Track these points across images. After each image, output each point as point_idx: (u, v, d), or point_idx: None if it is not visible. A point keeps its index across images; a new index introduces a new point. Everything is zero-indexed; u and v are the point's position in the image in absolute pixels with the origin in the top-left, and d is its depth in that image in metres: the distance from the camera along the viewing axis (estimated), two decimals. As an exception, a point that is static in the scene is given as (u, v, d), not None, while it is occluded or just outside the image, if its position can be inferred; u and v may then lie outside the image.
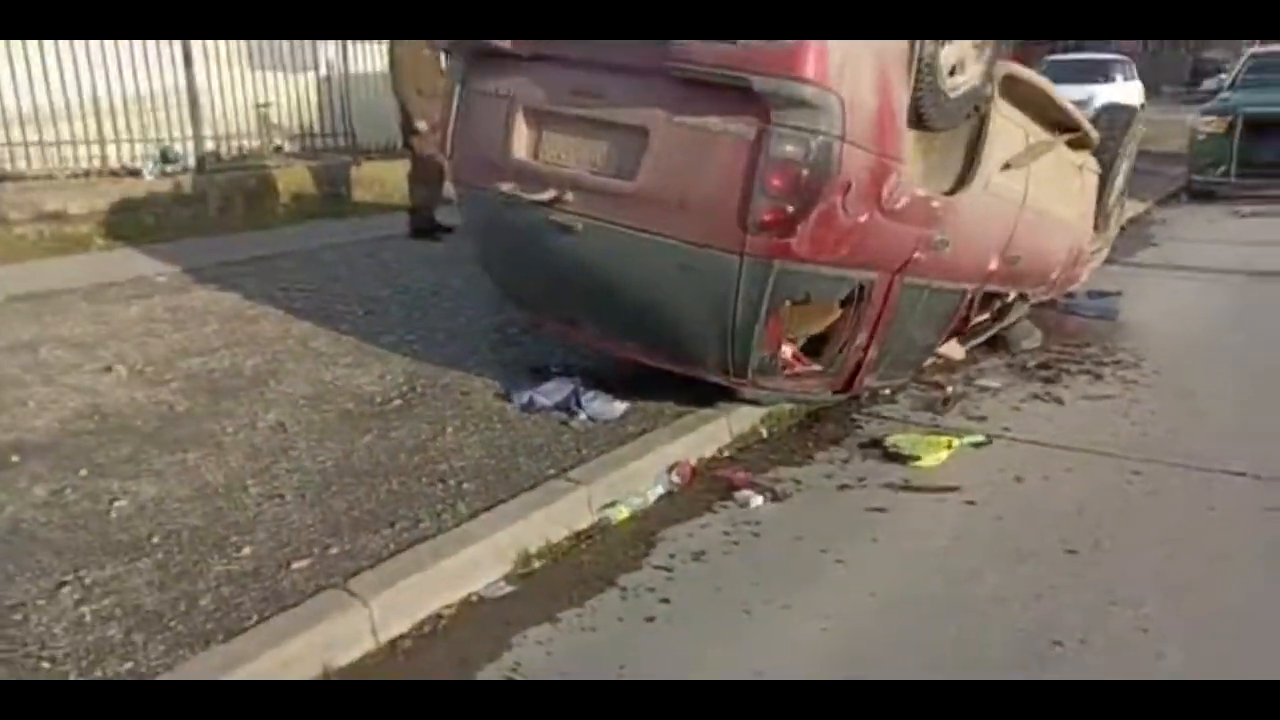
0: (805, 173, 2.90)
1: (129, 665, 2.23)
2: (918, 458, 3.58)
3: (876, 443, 3.80)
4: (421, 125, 7.16)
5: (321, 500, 3.10)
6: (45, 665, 2.22)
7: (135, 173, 8.14)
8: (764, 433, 3.99)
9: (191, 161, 8.56)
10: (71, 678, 2.19)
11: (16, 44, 7.22)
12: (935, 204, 3.52)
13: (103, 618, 2.42)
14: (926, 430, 3.92)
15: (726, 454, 3.80)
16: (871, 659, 2.45)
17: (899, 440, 3.72)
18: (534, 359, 4.49)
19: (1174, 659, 2.45)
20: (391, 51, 7.30)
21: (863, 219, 3.14)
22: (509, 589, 2.81)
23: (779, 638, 2.56)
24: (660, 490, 3.42)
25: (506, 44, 3.36)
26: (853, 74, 2.96)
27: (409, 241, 7.41)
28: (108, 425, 3.70)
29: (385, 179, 9.37)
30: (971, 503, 3.28)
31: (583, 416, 3.82)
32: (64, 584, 2.57)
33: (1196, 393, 4.54)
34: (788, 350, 3.45)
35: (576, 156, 3.27)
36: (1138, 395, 4.47)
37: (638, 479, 3.41)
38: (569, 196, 3.25)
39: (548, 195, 3.28)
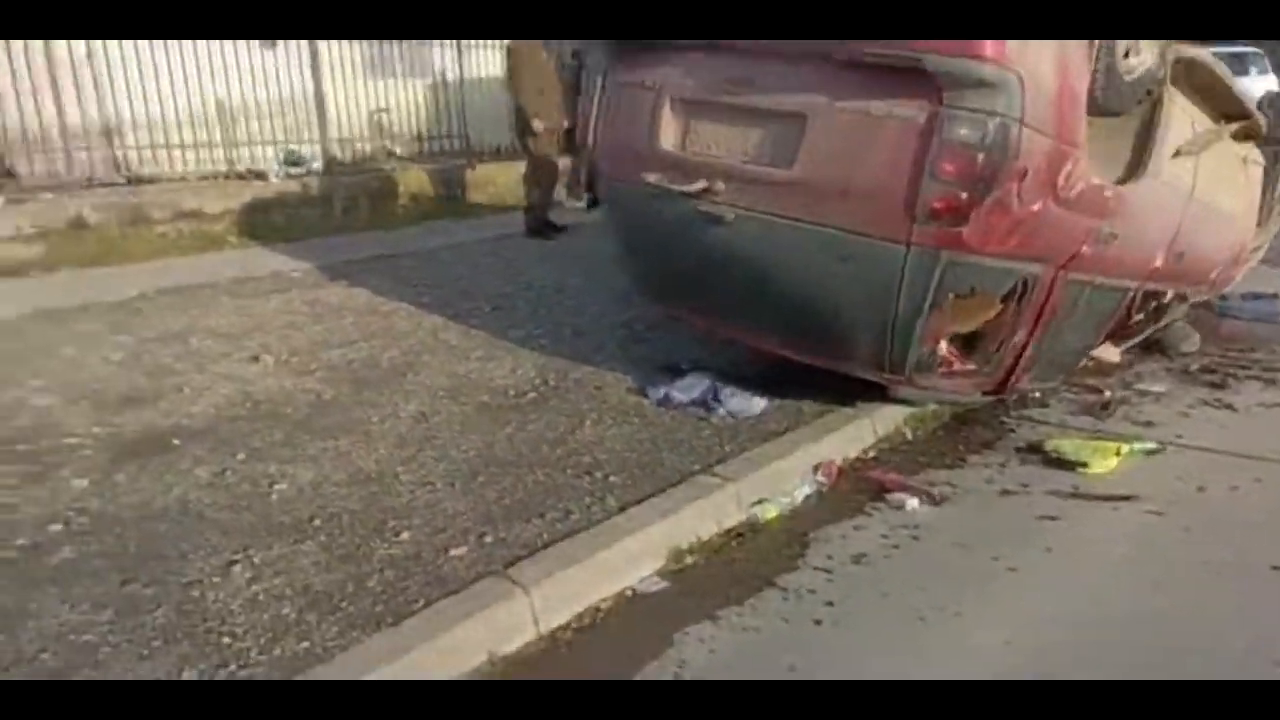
0: (981, 157, 2.75)
1: (305, 645, 2.25)
2: (1085, 464, 3.36)
3: (1035, 448, 3.60)
4: (538, 125, 7.24)
5: (471, 489, 3.10)
6: (226, 641, 2.26)
7: (261, 175, 8.44)
8: (909, 434, 3.84)
9: (317, 165, 8.87)
10: (252, 654, 2.21)
11: (149, 54, 7.54)
12: (1107, 193, 3.31)
13: (275, 597, 2.45)
14: (1089, 435, 3.69)
15: (872, 454, 3.66)
16: (1063, 674, 2.28)
17: (1061, 445, 3.51)
18: (663, 356, 4.44)
19: None
20: (509, 53, 7.40)
21: (1036, 207, 2.96)
22: (664, 584, 2.74)
23: (956, 646, 2.41)
24: (807, 490, 3.31)
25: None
26: (1033, 52, 2.79)
27: (525, 240, 7.49)
28: (259, 412, 3.79)
29: (498, 180, 9.53)
30: (1154, 513, 3.06)
31: (721, 412, 3.73)
32: (234, 562, 2.63)
33: (1380, 402, 4.17)
34: (943, 346, 3.29)
35: (727, 146, 3.19)
36: (1317, 403, 4.13)
37: (784, 478, 3.31)
38: (719, 186, 3.17)
39: (697, 186, 3.21)
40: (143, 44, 7.52)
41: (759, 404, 3.75)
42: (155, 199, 7.20)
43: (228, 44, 8.05)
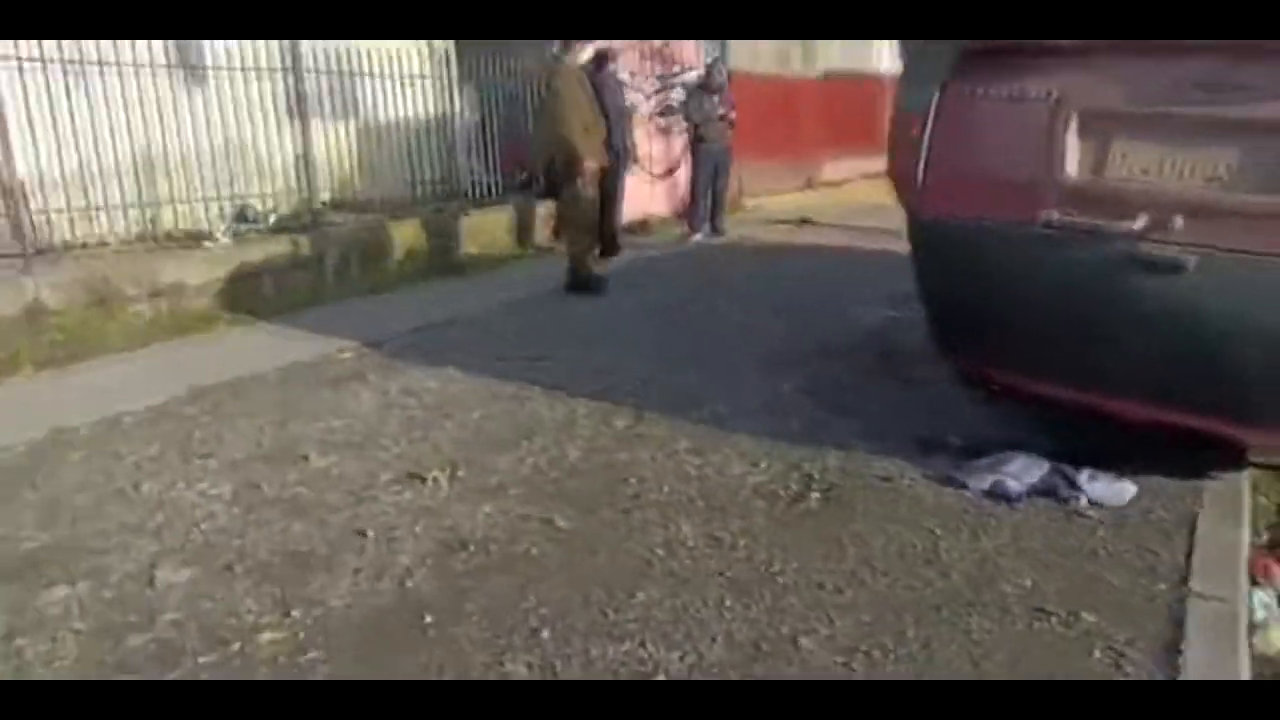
0: None
1: None
2: None
3: None
4: (590, 165, 6.39)
5: (945, 652, 2.26)
6: None
7: (205, 236, 7.04)
8: (1268, 503, 3.28)
9: (273, 220, 7.59)
10: None
11: (46, 98, 5.97)
12: None
13: None
14: None
15: (1265, 536, 3.07)
16: None
17: None
18: (906, 429, 3.72)
19: None
20: (550, 85, 6.53)
21: None
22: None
23: None
24: (1267, 598, 2.67)
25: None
26: None
27: (572, 296, 6.56)
28: (494, 560, 2.78)
29: (482, 229, 8.50)
30: None
31: (1083, 502, 3.05)
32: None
33: None
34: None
35: (1176, 169, 2.53)
36: None
37: (1234, 585, 2.66)
38: (1177, 223, 2.51)
39: (1139, 224, 2.53)
40: (37, 85, 5.87)
41: (1129, 489, 3.08)
42: (130, 271, 5.80)
43: (147, 85, 6.46)
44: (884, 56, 15.90)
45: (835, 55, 14.33)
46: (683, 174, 10.05)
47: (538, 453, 3.62)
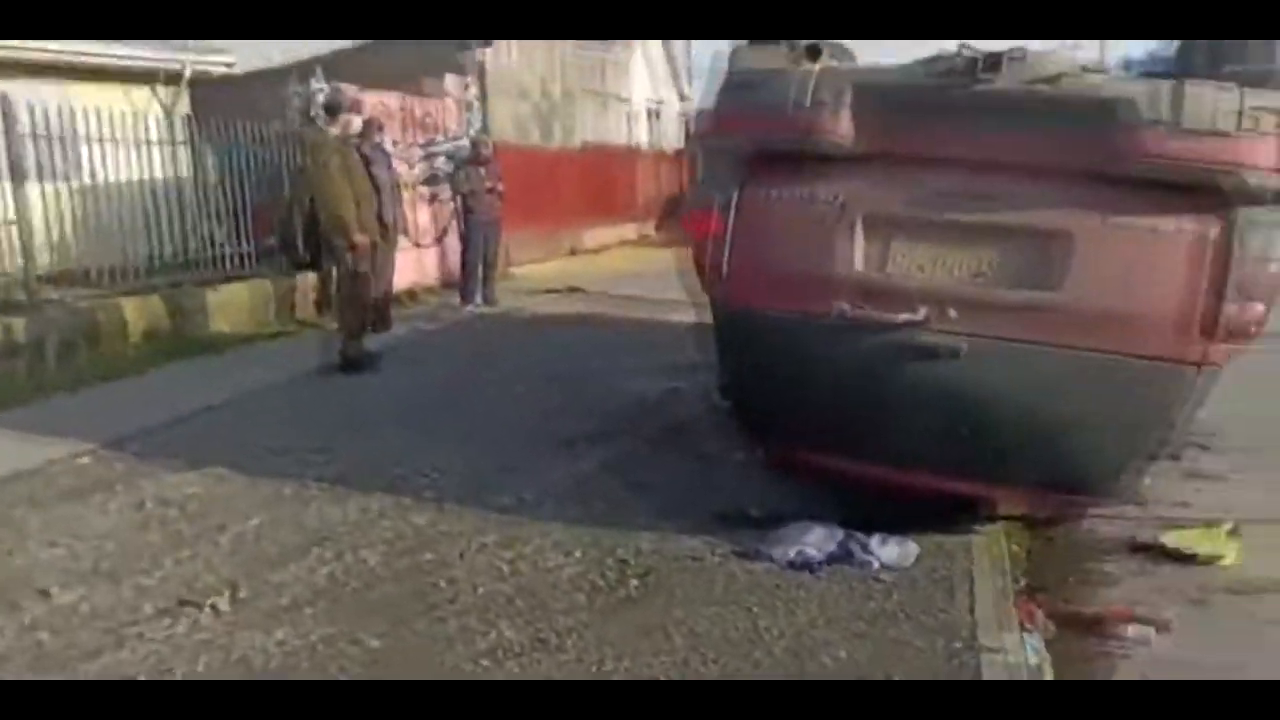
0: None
1: None
2: (1221, 556, 3.45)
3: (1148, 546, 3.63)
4: (362, 239, 6.11)
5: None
6: None
7: None
8: (1018, 550, 3.69)
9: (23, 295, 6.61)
10: None
11: None
12: None
13: None
14: (1168, 524, 3.81)
15: (1023, 582, 3.44)
16: None
17: (1184, 540, 3.53)
18: (707, 503, 3.83)
19: None
20: (315, 152, 6.20)
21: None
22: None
23: None
24: (1037, 642, 2.98)
25: (828, 144, 2.86)
26: None
27: (342, 377, 6.17)
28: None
29: (234, 304, 7.83)
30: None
31: (875, 566, 3.27)
32: None
33: None
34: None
35: (949, 268, 2.83)
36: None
37: (1006, 633, 2.95)
38: (950, 314, 2.79)
39: (919, 315, 2.79)
40: None
41: (913, 549, 3.34)
42: None
43: None
44: (637, 130, 16.80)
45: (590, 128, 14.90)
46: (451, 242, 9.90)
47: (332, 561, 3.33)
